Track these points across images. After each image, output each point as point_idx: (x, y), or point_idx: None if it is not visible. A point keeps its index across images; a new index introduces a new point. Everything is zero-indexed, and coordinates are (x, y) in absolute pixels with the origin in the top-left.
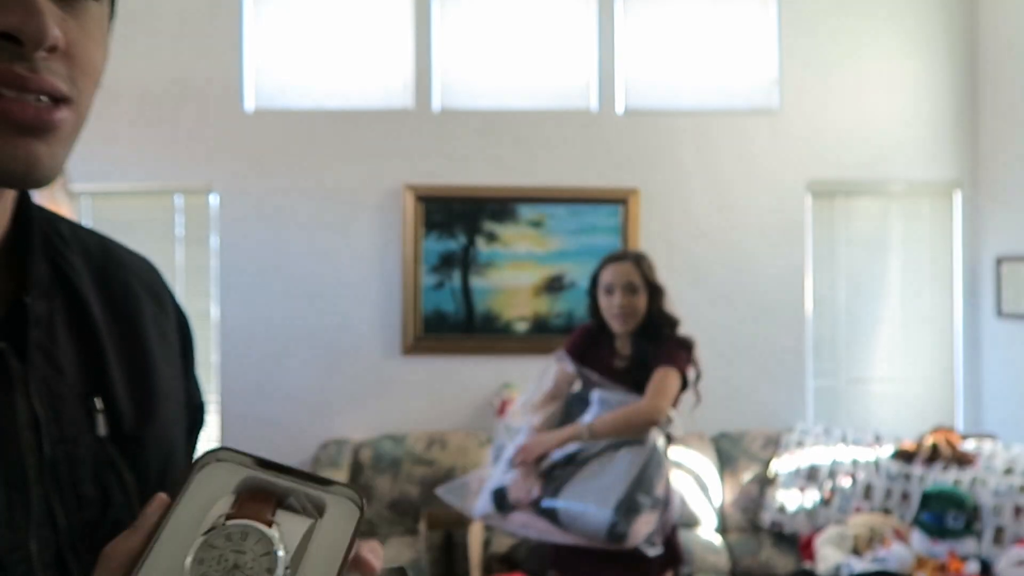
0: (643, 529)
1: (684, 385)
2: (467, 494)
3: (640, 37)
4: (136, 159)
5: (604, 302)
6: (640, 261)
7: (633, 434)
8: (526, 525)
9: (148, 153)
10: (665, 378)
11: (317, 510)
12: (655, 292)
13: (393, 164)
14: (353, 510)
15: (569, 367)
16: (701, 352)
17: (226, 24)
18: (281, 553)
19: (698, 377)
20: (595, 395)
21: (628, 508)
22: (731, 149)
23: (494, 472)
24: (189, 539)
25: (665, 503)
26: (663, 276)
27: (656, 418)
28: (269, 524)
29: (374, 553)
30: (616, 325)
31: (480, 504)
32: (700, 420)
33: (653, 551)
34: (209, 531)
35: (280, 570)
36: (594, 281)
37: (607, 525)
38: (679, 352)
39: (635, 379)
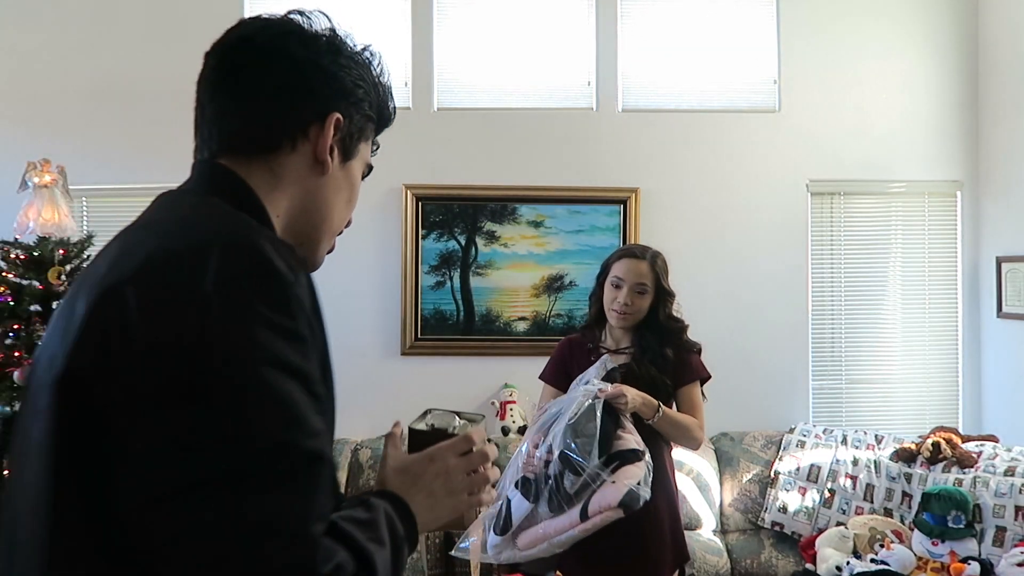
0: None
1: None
2: (474, 536)
3: (640, 37)
4: (136, 159)
5: (609, 294)
6: (655, 262)
7: (680, 438)
8: (540, 538)
9: (148, 152)
10: (697, 398)
11: (472, 421)
12: (664, 295)
13: (392, 164)
14: (482, 421)
15: (552, 392)
16: (702, 352)
17: (226, 23)
18: (458, 422)
19: (708, 378)
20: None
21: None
22: (731, 149)
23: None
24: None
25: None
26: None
27: (701, 436)
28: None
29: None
30: (613, 319)
31: (489, 538)
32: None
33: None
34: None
35: (457, 423)
36: (605, 269)
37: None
38: (697, 363)
39: (641, 375)
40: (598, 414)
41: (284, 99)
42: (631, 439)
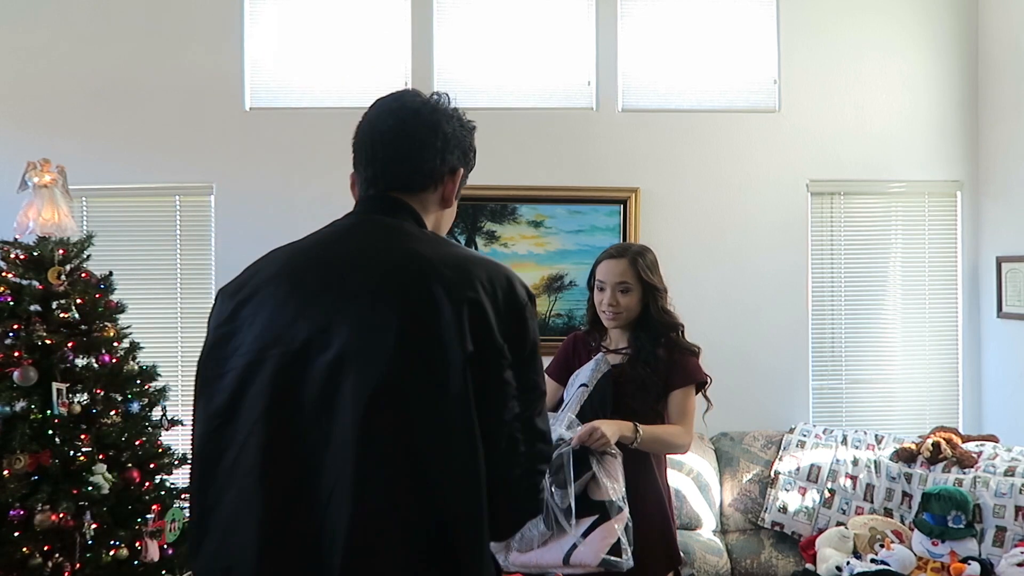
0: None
1: (696, 391)
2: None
3: (640, 36)
4: (136, 158)
5: (596, 297)
6: (637, 259)
7: (665, 451)
8: (531, 565)
9: (148, 152)
10: (687, 400)
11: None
12: (651, 291)
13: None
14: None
15: (554, 387)
16: (702, 352)
17: (226, 23)
18: None
19: (709, 383)
20: (598, 356)
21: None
22: (731, 149)
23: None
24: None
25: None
26: (663, 276)
27: (687, 442)
28: None
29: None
30: (605, 321)
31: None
32: (700, 421)
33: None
34: None
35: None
36: (591, 274)
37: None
38: (692, 365)
39: (632, 376)
40: (569, 469)
41: (437, 159)
42: (608, 487)
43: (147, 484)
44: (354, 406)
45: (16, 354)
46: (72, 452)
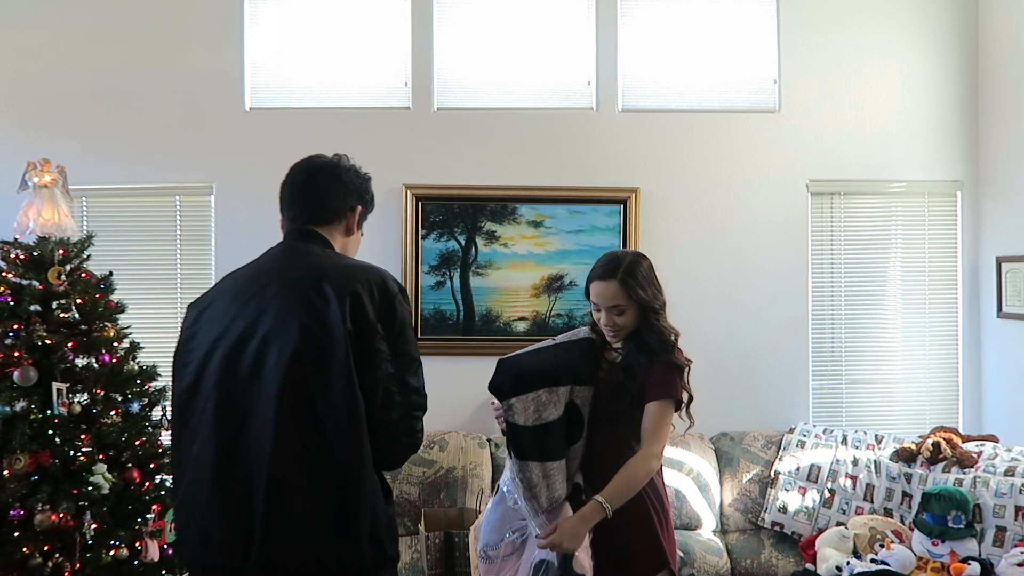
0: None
1: (676, 408)
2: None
3: (640, 36)
4: (136, 158)
5: (594, 315)
6: (627, 280)
7: (638, 489)
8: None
9: (147, 152)
10: (661, 417)
11: None
12: (645, 308)
13: (392, 163)
14: None
15: None
16: (702, 353)
17: (226, 23)
18: None
19: (690, 400)
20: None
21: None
22: (731, 149)
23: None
24: None
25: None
26: (663, 277)
27: (654, 466)
28: None
29: None
30: (608, 337)
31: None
32: (701, 421)
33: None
34: None
35: None
36: (586, 288)
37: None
38: (671, 380)
39: (610, 379)
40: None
41: (339, 199)
42: (585, 562)
43: (147, 484)
44: (275, 373)
45: (16, 354)
46: (72, 452)
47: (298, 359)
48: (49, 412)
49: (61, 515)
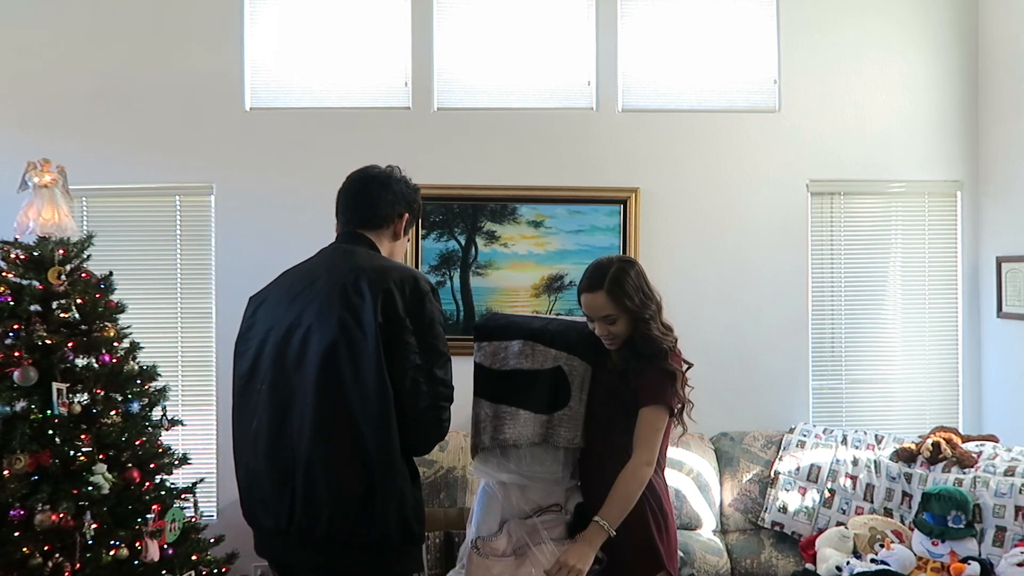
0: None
1: (670, 415)
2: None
3: (640, 36)
4: (136, 158)
5: (589, 325)
6: (614, 290)
7: (634, 501)
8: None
9: (148, 152)
10: (653, 423)
11: None
12: (637, 316)
13: (392, 163)
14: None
15: None
16: (702, 353)
17: (226, 23)
18: None
19: (682, 408)
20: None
21: None
22: (731, 149)
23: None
24: None
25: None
26: (663, 277)
27: (646, 474)
28: None
29: None
30: (605, 345)
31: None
32: (701, 420)
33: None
34: None
35: None
36: (578, 297)
37: None
38: (664, 386)
39: (605, 382)
40: None
41: (389, 207)
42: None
43: (147, 484)
44: (314, 361)
45: (16, 354)
46: (72, 452)
47: (333, 349)
48: (49, 412)
49: (61, 515)
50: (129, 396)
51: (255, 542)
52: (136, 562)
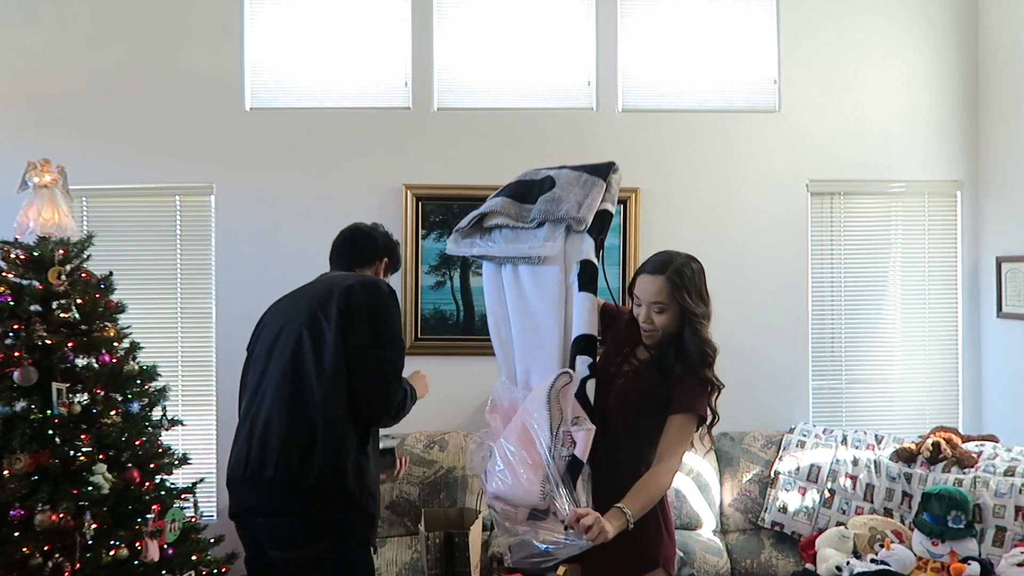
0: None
1: (698, 426)
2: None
3: (640, 36)
4: (136, 158)
5: (634, 309)
6: (674, 279)
7: (655, 502)
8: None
9: (147, 152)
10: (682, 431)
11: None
12: (688, 315)
13: (392, 163)
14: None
15: None
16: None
17: (226, 23)
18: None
19: (715, 421)
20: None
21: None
22: (731, 149)
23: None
24: None
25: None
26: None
27: (669, 482)
28: None
29: None
30: (643, 334)
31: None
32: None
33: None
34: None
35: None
36: (632, 281)
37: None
38: (700, 396)
39: (644, 377)
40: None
41: (372, 252)
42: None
43: (147, 484)
44: (287, 342)
45: (16, 354)
46: (72, 452)
47: (303, 332)
48: (49, 412)
49: (61, 515)
50: (129, 396)
51: (229, 505)
52: (136, 562)
